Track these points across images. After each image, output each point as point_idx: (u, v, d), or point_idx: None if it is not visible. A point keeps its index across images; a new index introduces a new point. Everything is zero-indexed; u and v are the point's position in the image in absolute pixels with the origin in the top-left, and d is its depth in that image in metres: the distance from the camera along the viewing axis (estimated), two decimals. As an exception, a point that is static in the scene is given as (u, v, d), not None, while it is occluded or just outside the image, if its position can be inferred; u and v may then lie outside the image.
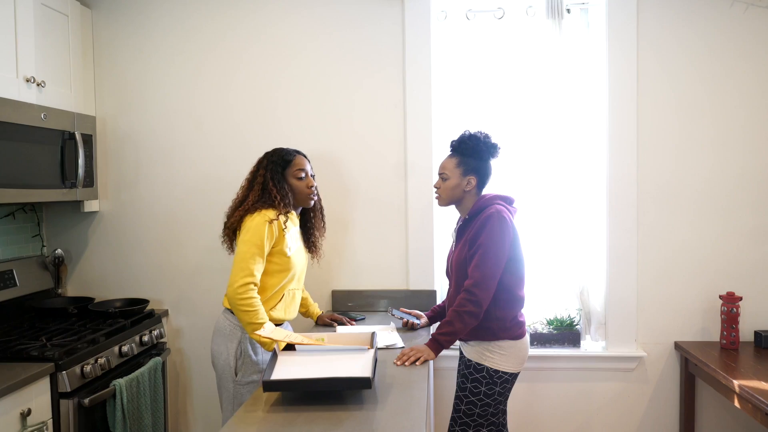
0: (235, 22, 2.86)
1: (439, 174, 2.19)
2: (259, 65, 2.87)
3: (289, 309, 2.30)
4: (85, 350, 2.22)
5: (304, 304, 2.53)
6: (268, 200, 2.20)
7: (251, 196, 2.23)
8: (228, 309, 2.25)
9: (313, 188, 2.32)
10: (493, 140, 2.17)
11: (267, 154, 2.31)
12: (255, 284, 2.10)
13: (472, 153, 2.14)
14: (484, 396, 2.10)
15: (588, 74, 2.81)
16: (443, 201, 2.21)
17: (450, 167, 2.16)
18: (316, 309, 2.58)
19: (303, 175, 2.28)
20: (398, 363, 1.98)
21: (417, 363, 1.98)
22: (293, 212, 2.29)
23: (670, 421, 2.81)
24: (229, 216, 2.28)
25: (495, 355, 2.10)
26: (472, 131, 2.17)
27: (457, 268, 2.14)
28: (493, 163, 2.20)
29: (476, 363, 2.11)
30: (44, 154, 2.43)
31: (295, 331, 2.39)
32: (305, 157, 2.35)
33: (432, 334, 2.08)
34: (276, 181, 2.22)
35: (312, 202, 2.33)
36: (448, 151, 2.23)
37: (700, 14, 2.70)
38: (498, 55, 2.85)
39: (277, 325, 2.27)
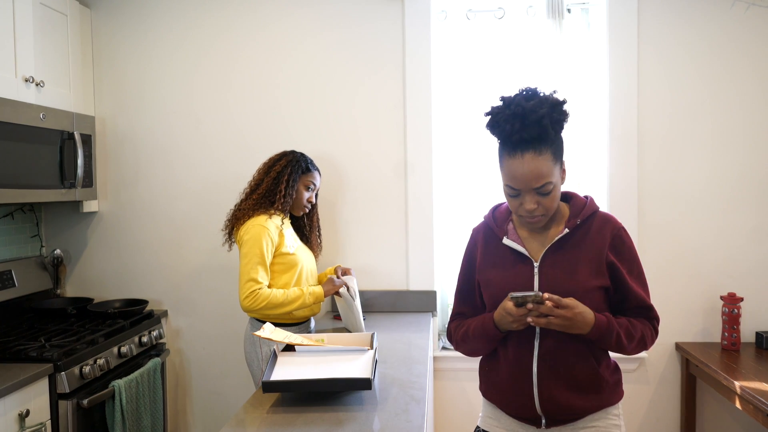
0: (233, 20, 2.85)
1: (536, 189, 1.38)
2: (258, 64, 2.86)
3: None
4: (84, 351, 2.21)
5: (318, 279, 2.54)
6: (270, 196, 2.29)
7: (265, 181, 2.31)
8: (251, 317, 2.32)
9: (311, 204, 2.44)
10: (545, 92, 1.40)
11: (295, 152, 2.40)
12: (260, 288, 2.17)
13: (559, 128, 1.39)
14: None
15: (588, 74, 2.80)
16: (546, 219, 1.45)
17: (550, 170, 1.36)
18: (329, 270, 2.54)
19: (311, 187, 2.40)
20: (531, 316, 1.35)
21: (543, 323, 1.36)
22: (285, 216, 2.34)
23: (670, 422, 2.80)
24: (244, 200, 2.34)
25: (620, 420, 1.51)
26: (529, 96, 1.37)
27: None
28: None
29: None
30: (43, 154, 2.42)
31: (310, 330, 2.43)
32: (320, 176, 2.47)
33: (608, 316, 1.41)
34: (291, 179, 2.32)
35: (301, 213, 2.43)
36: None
37: (701, 14, 2.70)
38: (498, 55, 2.84)
39: (302, 322, 2.34)
